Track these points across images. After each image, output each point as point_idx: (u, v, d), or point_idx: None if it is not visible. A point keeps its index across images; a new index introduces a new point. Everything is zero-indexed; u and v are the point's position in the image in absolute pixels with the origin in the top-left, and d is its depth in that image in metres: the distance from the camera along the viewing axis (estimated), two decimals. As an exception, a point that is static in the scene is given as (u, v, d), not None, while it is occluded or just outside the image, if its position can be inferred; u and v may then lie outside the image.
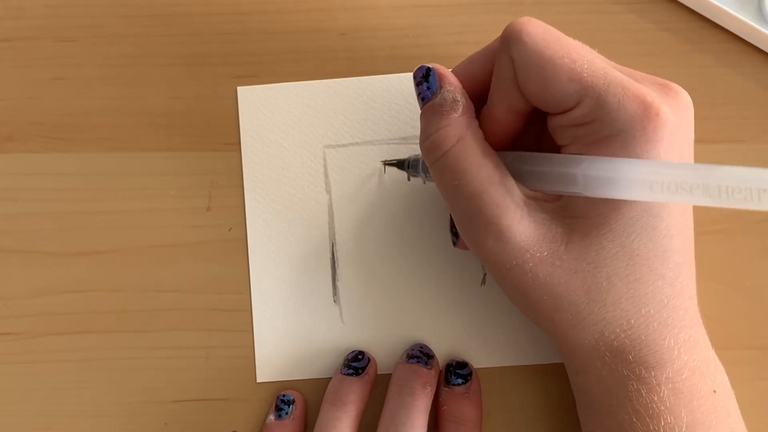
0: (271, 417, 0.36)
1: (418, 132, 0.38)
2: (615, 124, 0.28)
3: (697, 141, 0.37)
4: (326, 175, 0.38)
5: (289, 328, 0.37)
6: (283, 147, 0.38)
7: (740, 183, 0.24)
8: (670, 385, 0.29)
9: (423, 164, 0.35)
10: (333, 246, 0.38)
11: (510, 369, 0.37)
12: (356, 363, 0.36)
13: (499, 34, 0.38)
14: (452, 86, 0.31)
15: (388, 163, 0.37)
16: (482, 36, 0.38)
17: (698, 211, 0.37)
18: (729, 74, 0.38)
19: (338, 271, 0.38)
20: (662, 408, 0.29)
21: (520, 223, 0.29)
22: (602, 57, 0.31)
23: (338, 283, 0.38)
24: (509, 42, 0.29)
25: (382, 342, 0.37)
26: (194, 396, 0.37)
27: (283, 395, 0.37)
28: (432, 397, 0.35)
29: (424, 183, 0.37)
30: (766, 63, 0.38)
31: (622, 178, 0.26)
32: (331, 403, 0.35)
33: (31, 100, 0.38)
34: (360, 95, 0.38)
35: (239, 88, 0.38)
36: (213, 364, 0.37)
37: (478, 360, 0.37)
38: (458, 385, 0.36)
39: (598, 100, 0.28)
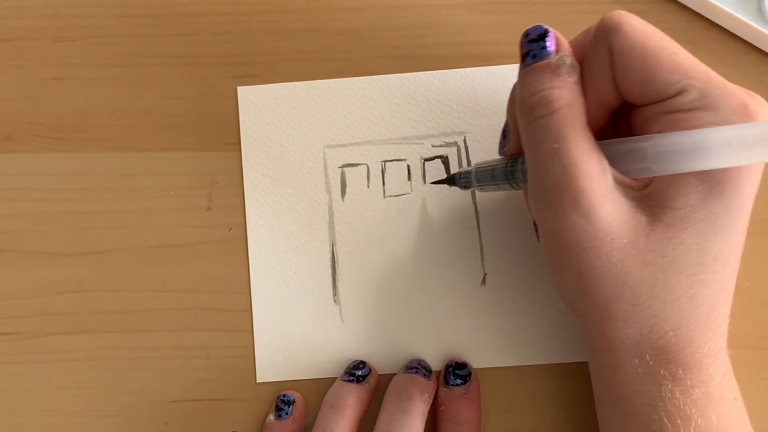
0: (271, 417, 0.36)
1: (417, 132, 0.38)
2: (718, 115, 0.27)
3: (697, 141, 0.37)
4: (326, 175, 0.38)
5: (289, 328, 0.37)
6: (283, 147, 0.38)
7: None
8: (703, 388, 0.29)
9: (476, 175, 0.34)
10: (333, 246, 0.38)
11: (510, 369, 0.37)
12: (357, 371, 0.36)
13: (497, 34, 0.38)
14: (570, 52, 0.30)
15: (435, 183, 0.37)
16: (482, 36, 0.38)
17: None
18: (729, 74, 0.37)
19: (338, 271, 0.38)
20: (694, 410, 0.29)
21: (610, 204, 0.28)
22: None
23: (338, 283, 0.38)
24: (608, 32, 0.29)
25: (382, 342, 0.37)
26: (194, 396, 0.37)
27: (284, 395, 0.37)
28: (429, 406, 0.35)
29: (481, 191, 0.36)
30: (765, 63, 0.38)
31: (698, 147, 0.26)
32: (330, 406, 0.35)
33: (30, 99, 0.39)
34: (360, 95, 0.38)
35: (239, 88, 0.38)
36: (213, 364, 0.37)
37: (478, 360, 0.37)
38: (457, 385, 0.36)
39: (702, 91, 0.28)
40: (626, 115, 0.31)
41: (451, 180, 0.36)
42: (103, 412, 0.37)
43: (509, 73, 0.38)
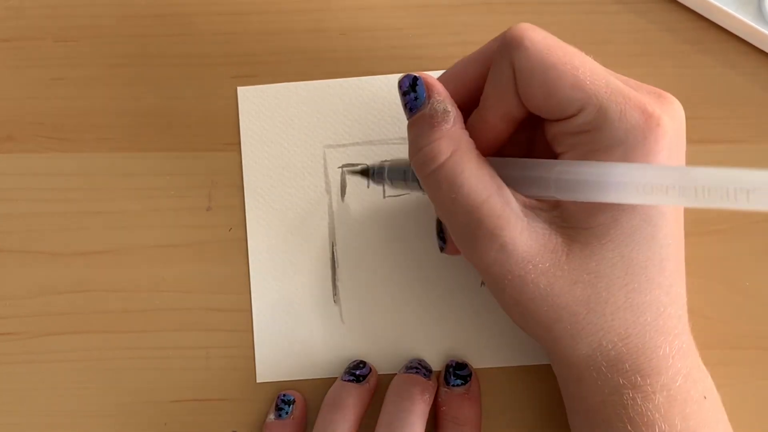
0: (272, 417, 0.36)
1: None
2: (617, 134, 0.28)
3: (697, 141, 0.37)
4: (326, 175, 0.38)
5: (289, 328, 0.37)
6: (283, 147, 0.38)
7: (715, 183, 0.23)
8: (665, 392, 0.29)
9: (388, 171, 0.35)
10: (333, 246, 0.38)
11: (510, 369, 0.37)
12: (357, 371, 0.36)
13: (497, 34, 0.38)
14: (441, 96, 0.30)
15: (350, 172, 0.38)
16: (482, 36, 0.38)
17: (698, 212, 0.37)
18: (728, 74, 0.38)
19: (338, 271, 0.38)
20: (657, 416, 0.29)
21: (522, 234, 0.29)
22: (601, 65, 0.30)
23: (338, 283, 0.38)
24: (510, 48, 0.29)
25: (382, 342, 0.37)
26: (194, 396, 0.37)
27: (284, 395, 0.37)
28: (430, 406, 0.35)
29: (389, 189, 0.37)
30: (765, 63, 0.38)
31: (599, 181, 0.26)
32: (330, 406, 0.35)
33: (31, 100, 0.39)
34: (360, 95, 0.38)
35: (239, 88, 0.38)
36: (213, 364, 0.37)
37: (479, 360, 0.37)
38: (458, 386, 0.36)
39: (600, 109, 0.28)
40: (541, 123, 0.31)
41: (365, 172, 0.36)
42: (103, 411, 0.37)
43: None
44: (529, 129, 0.32)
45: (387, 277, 0.38)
